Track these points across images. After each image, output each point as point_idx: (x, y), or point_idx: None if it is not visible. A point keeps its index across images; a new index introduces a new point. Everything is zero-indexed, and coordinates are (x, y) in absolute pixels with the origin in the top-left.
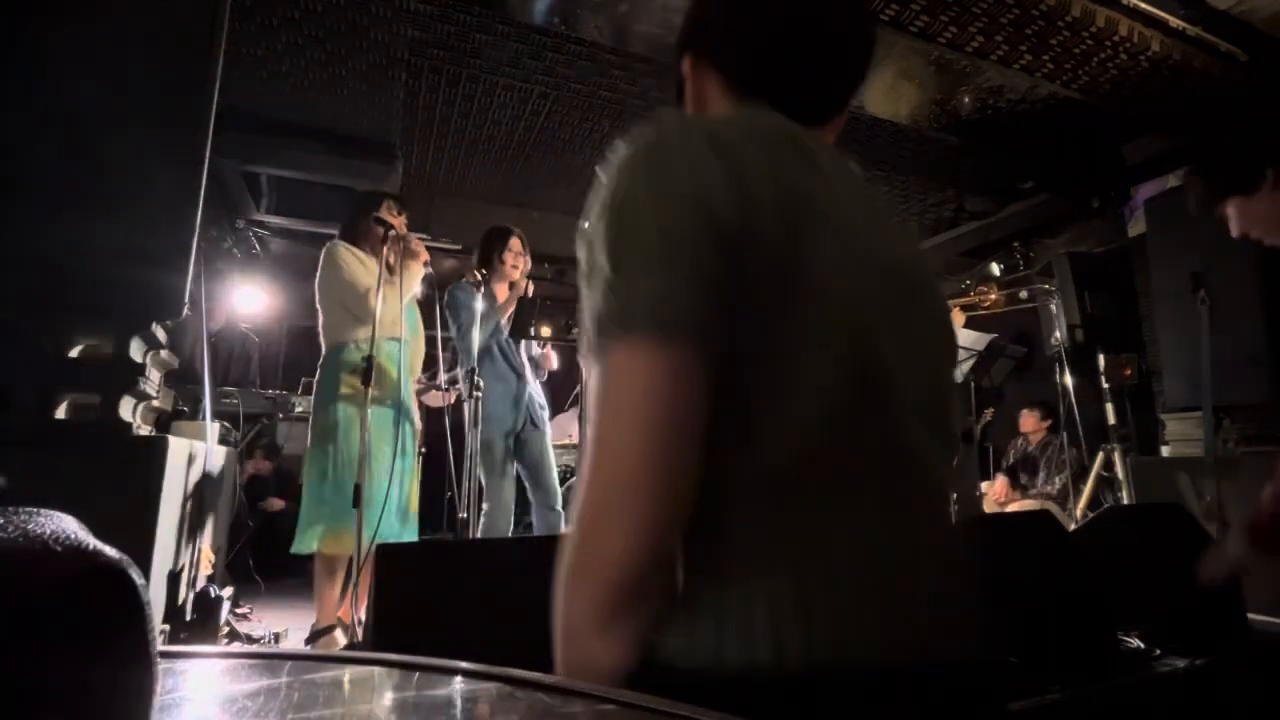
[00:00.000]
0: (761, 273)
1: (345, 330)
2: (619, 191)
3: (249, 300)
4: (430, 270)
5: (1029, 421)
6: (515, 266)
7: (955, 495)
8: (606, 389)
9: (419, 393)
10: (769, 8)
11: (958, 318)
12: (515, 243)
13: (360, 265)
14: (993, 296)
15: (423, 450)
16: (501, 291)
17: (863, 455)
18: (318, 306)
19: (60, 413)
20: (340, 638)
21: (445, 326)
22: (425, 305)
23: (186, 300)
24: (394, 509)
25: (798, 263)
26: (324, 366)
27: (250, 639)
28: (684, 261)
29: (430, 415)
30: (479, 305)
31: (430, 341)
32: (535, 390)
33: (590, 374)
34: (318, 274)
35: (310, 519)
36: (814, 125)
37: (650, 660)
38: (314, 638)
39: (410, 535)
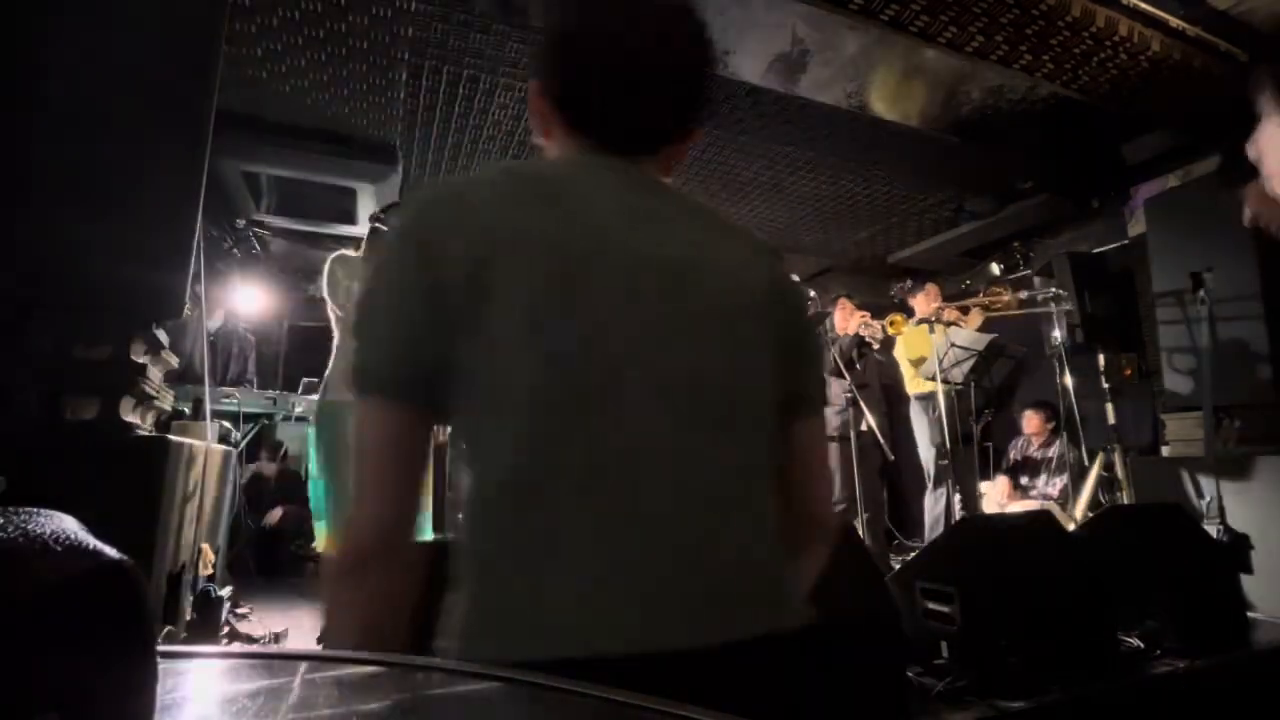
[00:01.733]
0: (462, 309)
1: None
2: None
3: (249, 300)
4: None
5: (1033, 423)
6: None
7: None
8: (353, 429)
9: None
10: (588, 46)
11: (974, 319)
12: None
13: (349, 272)
14: (1005, 298)
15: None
16: None
17: (586, 456)
18: (331, 312)
19: (60, 413)
20: None
21: None
22: None
23: (187, 300)
24: None
25: (495, 295)
26: (331, 369)
27: (250, 639)
28: (387, 325)
29: None
30: None
31: None
32: None
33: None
34: (324, 281)
35: (317, 517)
36: (639, 155)
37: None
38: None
39: (423, 534)
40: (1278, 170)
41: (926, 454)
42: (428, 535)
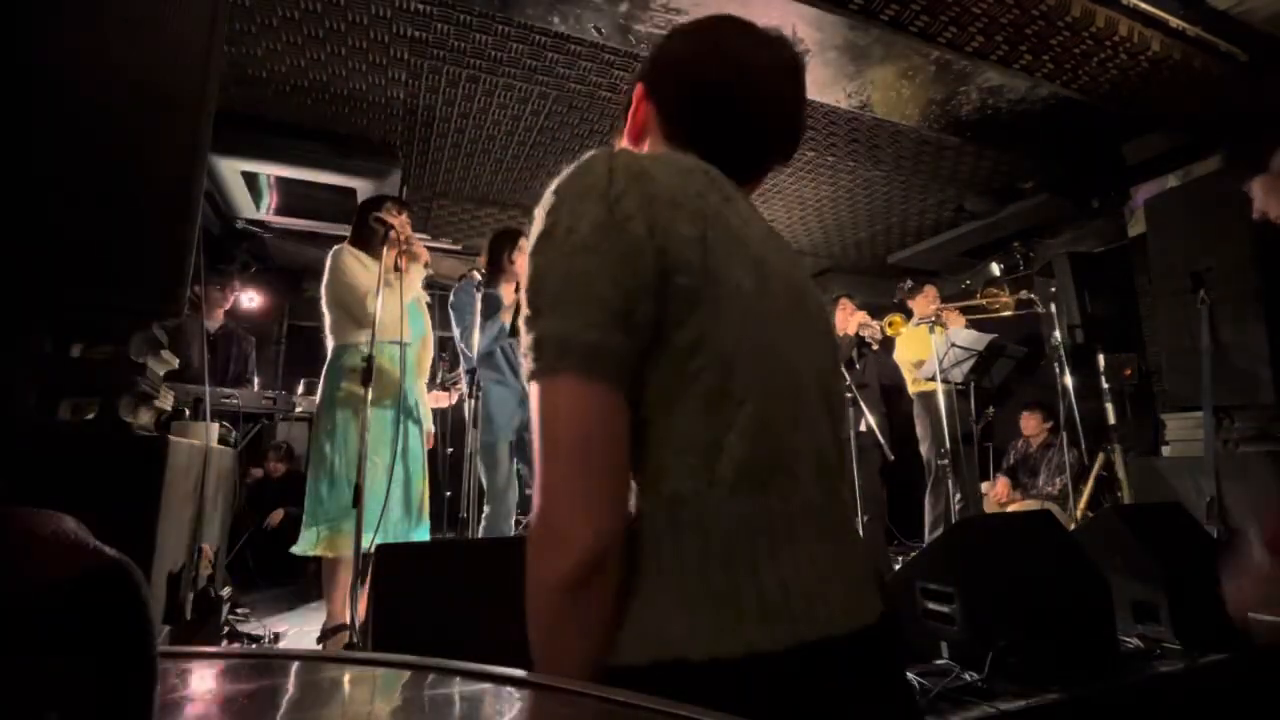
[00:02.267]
0: (683, 294)
1: (347, 333)
2: (542, 232)
3: (249, 300)
4: (430, 271)
5: (1030, 424)
6: (523, 267)
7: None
8: (540, 415)
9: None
10: (715, 76)
11: (957, 321)
12: (525, 242)
13: (362, 268)
14: (1004, 299)
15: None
16: (508, 293)
17: (784, 459)
18: (323, 310)
19: (60, 413)
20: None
21: (447, 327)
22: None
23: (187, 300)
24: (399, 510)
25: (714, 283)
26: (327, 369)
27: (250, 639)
28: (593, 302)
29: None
30: (479, 306)
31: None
32: None
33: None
34: (324, 278)
35: (310, 520)
36: (747, 180)
37: (612, 654)
38: (324, 637)
39: (421, 535)
40: None
41: (928, 453)
42: (425, 536)
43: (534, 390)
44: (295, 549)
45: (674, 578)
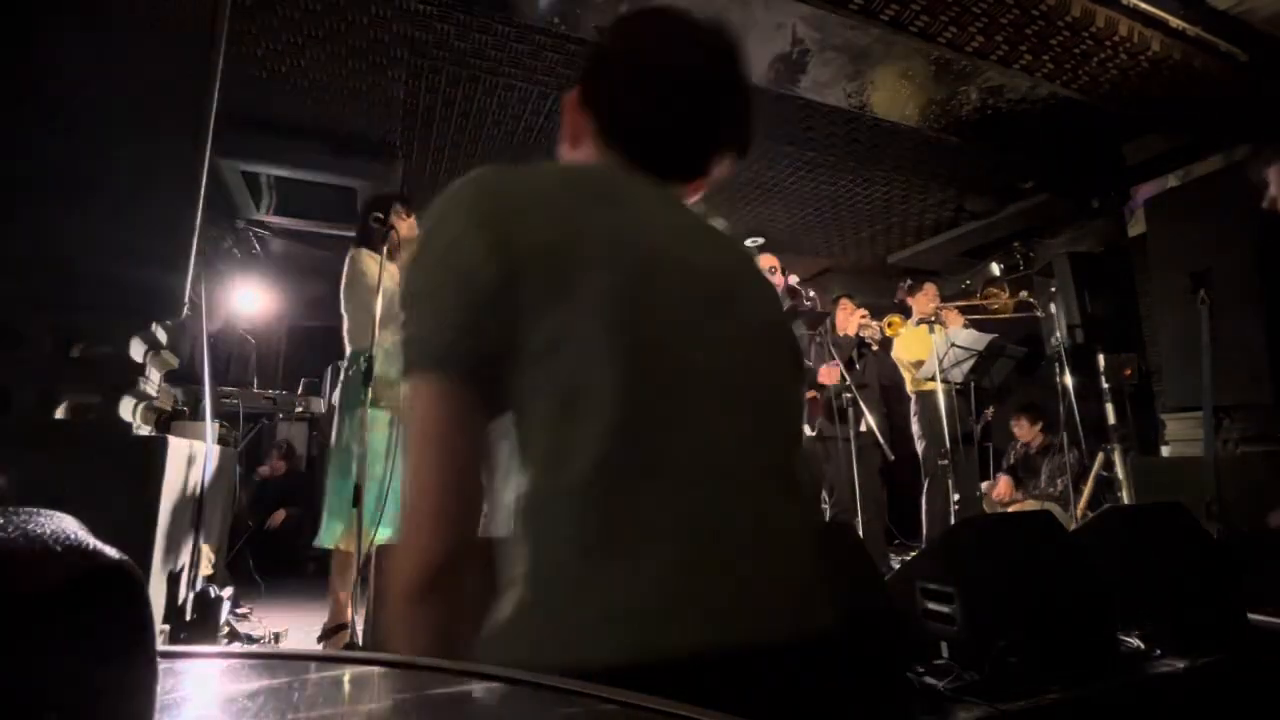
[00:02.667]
0: (534, 300)
1: (365, 335)
2: (413, 251)
3: (249, 300)
4: None
5: (1022, 429)
6: None
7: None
8: (406, 414)
9: None
10: (643, 72)
11: (955, 320)
12: None
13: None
14: (1004, 299)
15: None
16: None
17: (663, 457)
18: (343, 312)
19: (60, 413)
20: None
21: None
22: None
23: (186, 300)
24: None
25: (572, 286)
26: (347, 370)
27: (250, 639)
28: (445, 310)
29: None
30: None
31: None
32: None
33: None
34: (342, 281)
35: (334, 515)
36: (670, 182)
37: (486, 647)
38: (325, 636)
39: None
40: None
41: (924, 452)
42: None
43: (403, 390)
44: (316, 541)
45: (529, 583)
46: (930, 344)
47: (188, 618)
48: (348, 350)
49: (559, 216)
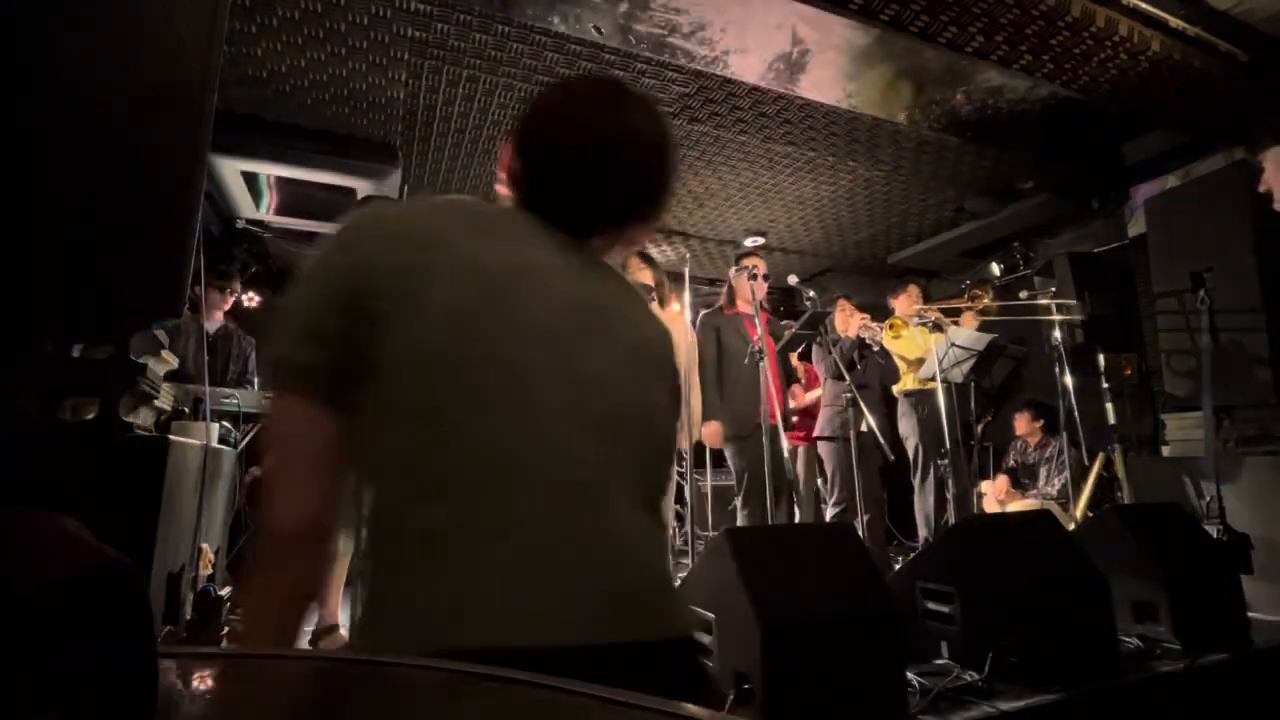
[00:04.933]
0: (385, 313)
1: None
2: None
3: (248, 300)
4: None
5: (1022, 424)
6: None
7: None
8: (270, 419)
9: None
10: (541, 150)
11: (969, 322)
12: None
13: None
14: (985, 300)
15: None
16: None
17: (490, 470)
18: None
19: (60, 413)
20: (344, 637)
21: None
22: None
23: (186, 300)
24: None
25: (421, 305)
26: None
27: None
28: (296, 326)
29: None
30: None
31: None
32: None
33: None
34: None
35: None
36: (578, 236)
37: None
38: (316, 638)
39: None
40: None
41: (913, 452)
42: None
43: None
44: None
45: (378, 581)
46: (930, 343)
47: (188, 618)
48: None
49: (422, 244)
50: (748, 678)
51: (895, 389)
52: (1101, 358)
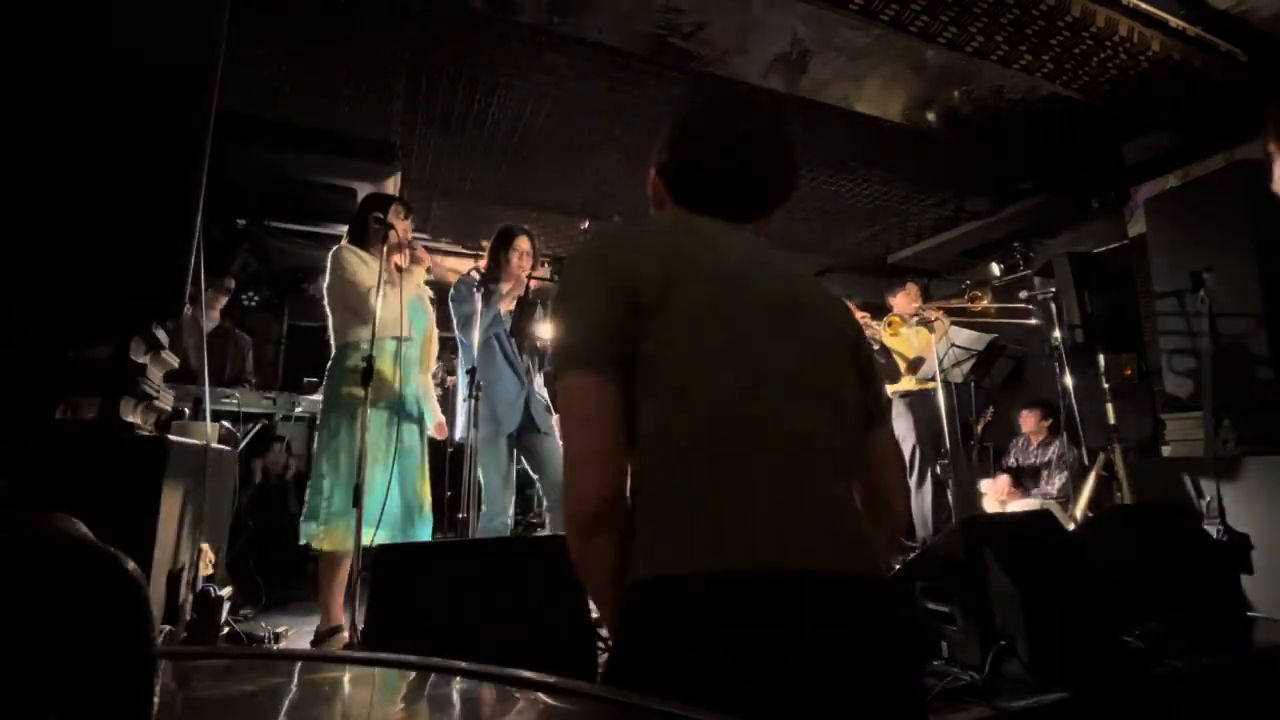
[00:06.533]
0: (652, 312)
1: (349, 331)
2: (563, 277)
3: (248, 300)
4: (431, 276)
5: (1029, 421)
6: (521, 266)
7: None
8: (561, 402)
9: None
10: (703, 150)
11: (943, 323)
12: (522, 242)
13: (363, 266)
14: (984, 301)
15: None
16: (506, 287)
17: (745, 432)
18: (327, 310)
19: (60, 413)
20: (346, 638)
21: (447, 326)
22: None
23: (186, 300)
24: (397, 508)
25: (671, 304)
26: (330, 368)
27: (250, 639)
28: (593, 321)
29: None
30: (478, 302)
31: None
32: (540, 392)
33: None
34: (326, 278)
35: (309, 514)
36: (739, 222)
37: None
38: (319, 639)
39: (423, 534)
40: None
41: (909, 453)
42: (427, 534)
43: (559, 383)
44: (301, 539)
45: (654, 522)
46: (930, 343)
47: (188, 618)
48: (333, 347)
49: (661, 253)
50: None
51: (891, 389)
52: (1101, 358)
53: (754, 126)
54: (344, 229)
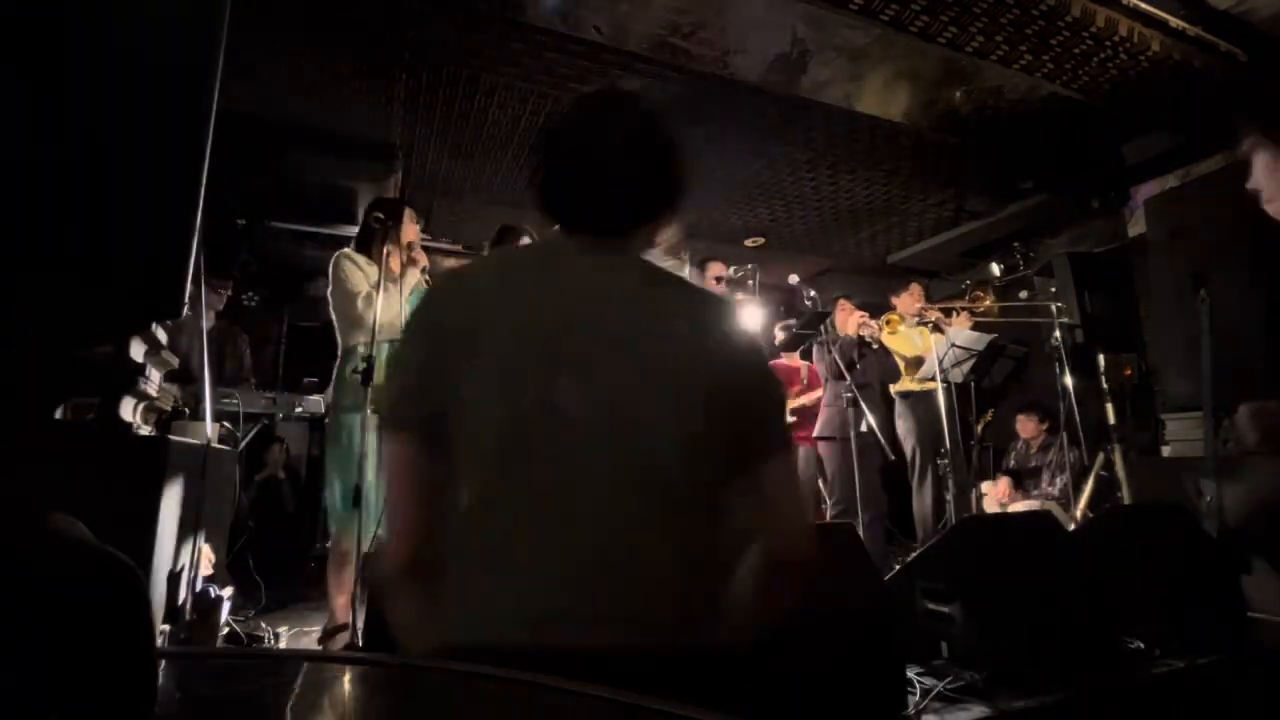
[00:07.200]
0: (454, 370)
1: (350, 336)
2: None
3: (247, 300)
4: (427, 277)
5: (1027, 427)
6: None
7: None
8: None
9: None
10: (561, 162)
11: (962, 321)
12: (523, 242)
13: (359, 271)
14: (987, 302)
15: None
16: None
17: (525, 491)
18: (332, 317)
19: (60, 413)
20: (346, 637)
21: None
22: None
23: (186, 300)
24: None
25: (475, 357)
26: (335, 372)
27: (250, 639)
28: (402, 381)
29: None
30: None
31: None
32: None
33: None
34: (329, 287)
35: (330, 516)
36: (610, 238)
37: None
38: (326, 637)
39: None
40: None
41: (911, 452)
42: None
43: None
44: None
45: (444, 585)
46: (930, 343)
47: (188, 618)
48: (340, 350)
49: (472, 302)
50: None
51: (892, 389)
52: (1101, 358)
53: (621, 131)
54: (344, 229)
